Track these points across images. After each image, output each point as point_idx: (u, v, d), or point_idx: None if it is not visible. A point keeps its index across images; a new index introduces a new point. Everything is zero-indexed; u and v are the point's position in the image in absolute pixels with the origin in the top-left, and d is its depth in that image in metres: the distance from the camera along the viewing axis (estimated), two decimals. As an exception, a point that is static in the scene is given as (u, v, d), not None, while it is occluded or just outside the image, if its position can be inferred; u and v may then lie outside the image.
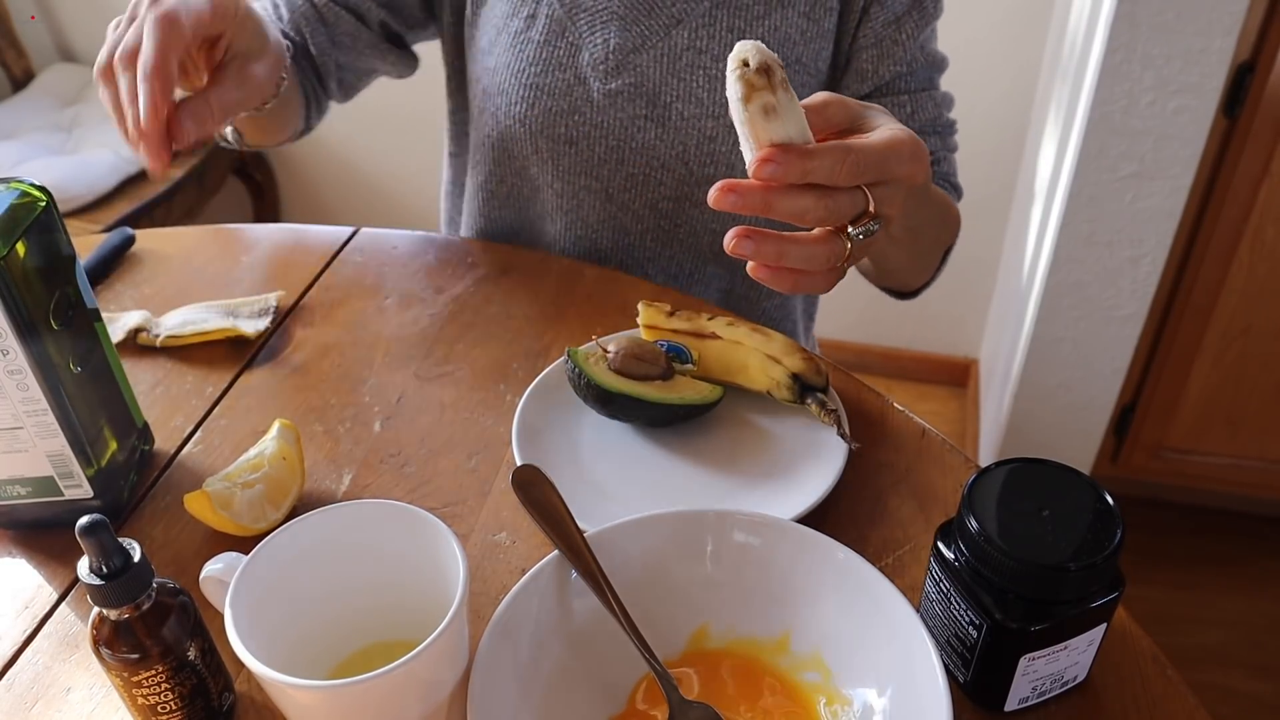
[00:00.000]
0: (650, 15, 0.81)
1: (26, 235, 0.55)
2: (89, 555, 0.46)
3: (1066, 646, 0.50)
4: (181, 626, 0.49)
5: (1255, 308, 1.48)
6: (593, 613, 0.52)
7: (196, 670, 0.50)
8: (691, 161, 0.85)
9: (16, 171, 1.77)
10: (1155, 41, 1.24)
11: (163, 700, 0.49)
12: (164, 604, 0.49)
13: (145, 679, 0.48)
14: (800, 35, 0.83)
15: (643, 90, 0.83)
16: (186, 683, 0.50)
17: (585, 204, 0.89)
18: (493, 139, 0.89)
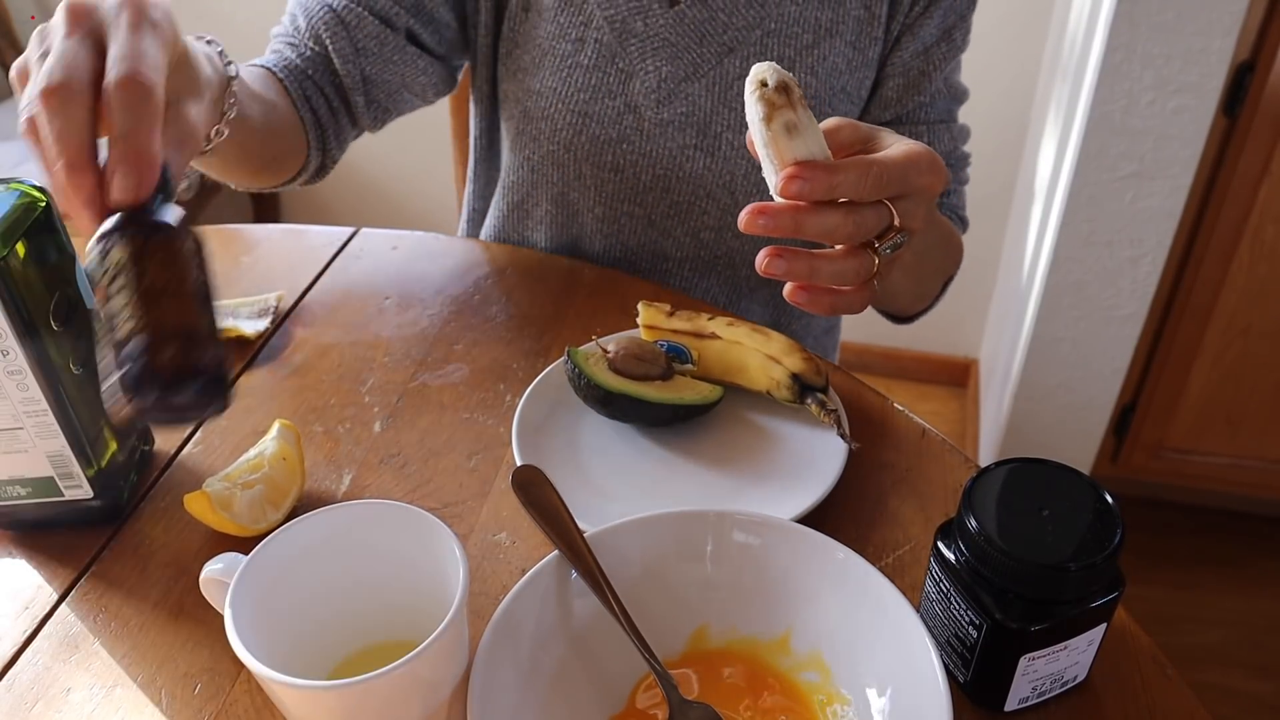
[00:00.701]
0: (702, 43, 0.81)
1: (27, 236, 0.55)
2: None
3: (1066, 646, 0.50)
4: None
5: (1255, 307, 1.48)
6: (593, 613, 0.52)
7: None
8: (738, 191, 0.85)
9: (16, 172, 1.76)
10: (1155, 41, 1.24)
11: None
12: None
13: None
14: (847, 65, 0.83)
15: (693, 119, 0.83)
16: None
17: (626, 229, 0.89)
18: (533, 161, 0.88)
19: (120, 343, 0.45)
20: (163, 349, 0.46)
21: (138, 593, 0.59)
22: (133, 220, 0.48)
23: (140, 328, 0.46)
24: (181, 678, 0.55)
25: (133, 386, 0.45)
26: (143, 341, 0.45)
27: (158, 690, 0.54)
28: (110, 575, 0.61)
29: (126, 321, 0.46)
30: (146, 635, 0.57)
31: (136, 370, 0.45)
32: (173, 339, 0.46)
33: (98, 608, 0.59)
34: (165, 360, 0.45)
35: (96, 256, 0.48)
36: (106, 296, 0.47)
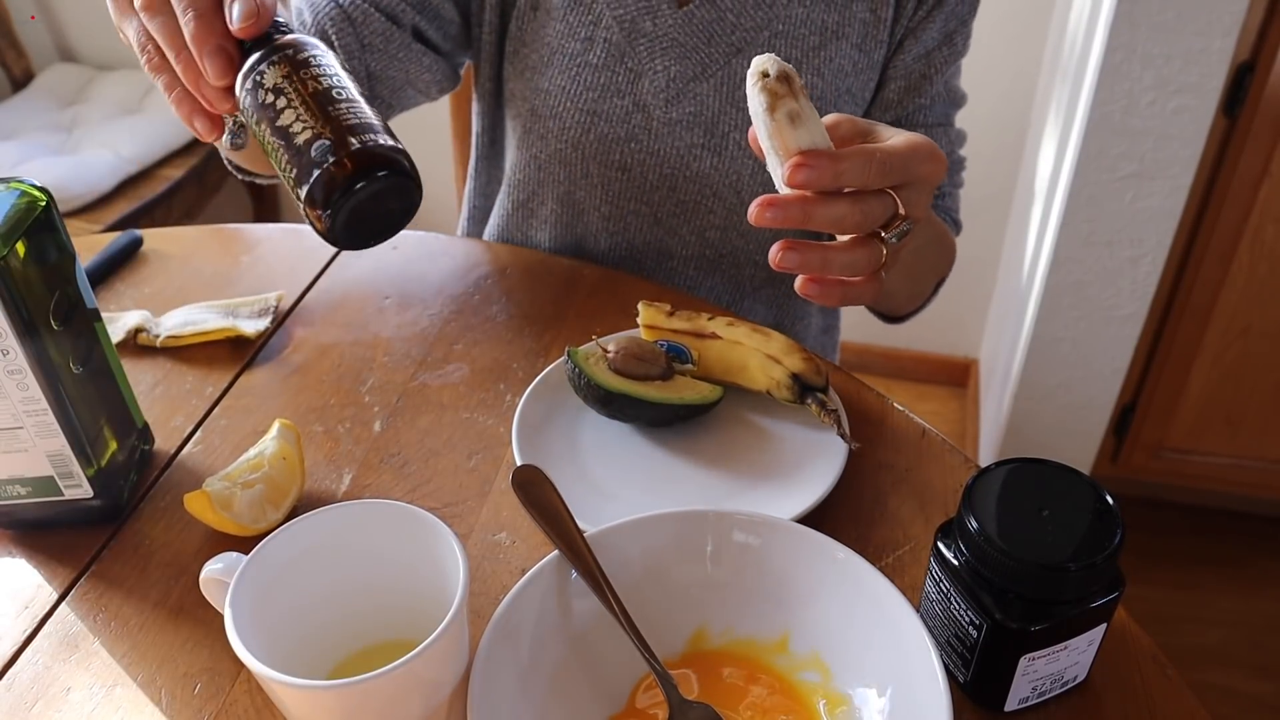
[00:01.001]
0: (710, 43, 0.81)
1: (27, 235, 0.55)
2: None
3: (1066, 646, 0.50)
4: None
5: (1255, 307, 1.48)
6: (593, 613, 0.52)
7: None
8: (744, 190, 0.85)
9: (16, 172, 1.77)
10: (1155, 41, 1.24)
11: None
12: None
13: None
14: (853, 67, 0.83)
15: (701, 119, 0.83)
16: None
17: (632, 228, 0.89)
18: (540, 160, 0.88)
19: (302, 151, 0.45)
20: (348, 143, 0.45)
21: (138, 592, 0.59)
22: (266, 44, 0.49)
23: (321, 130, 0.46)
24: (181, 677, 0.55)
25: (328, 188, 0.45)
26: (328, 142, 0.45)
27: (158, 690, 0.54)
28: (110, 575, 0.61)
29: (303, 131, 0.46)
30: (146, 635, 0.57)
31: (331, 169, 0.45)
32: (357, 132, 0.46)
33: (98, 607, 0.59)
34: (355, 155, 0.45)
35: (249, 92, 0.49)
36: (272, 119, 0.47)
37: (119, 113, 2.00)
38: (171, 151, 1.93)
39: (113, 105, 2.02)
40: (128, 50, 0.60)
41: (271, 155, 0.48)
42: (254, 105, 0.48)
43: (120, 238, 0.89)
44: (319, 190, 0.45)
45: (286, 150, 0.47)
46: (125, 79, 2.09)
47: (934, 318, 2.22)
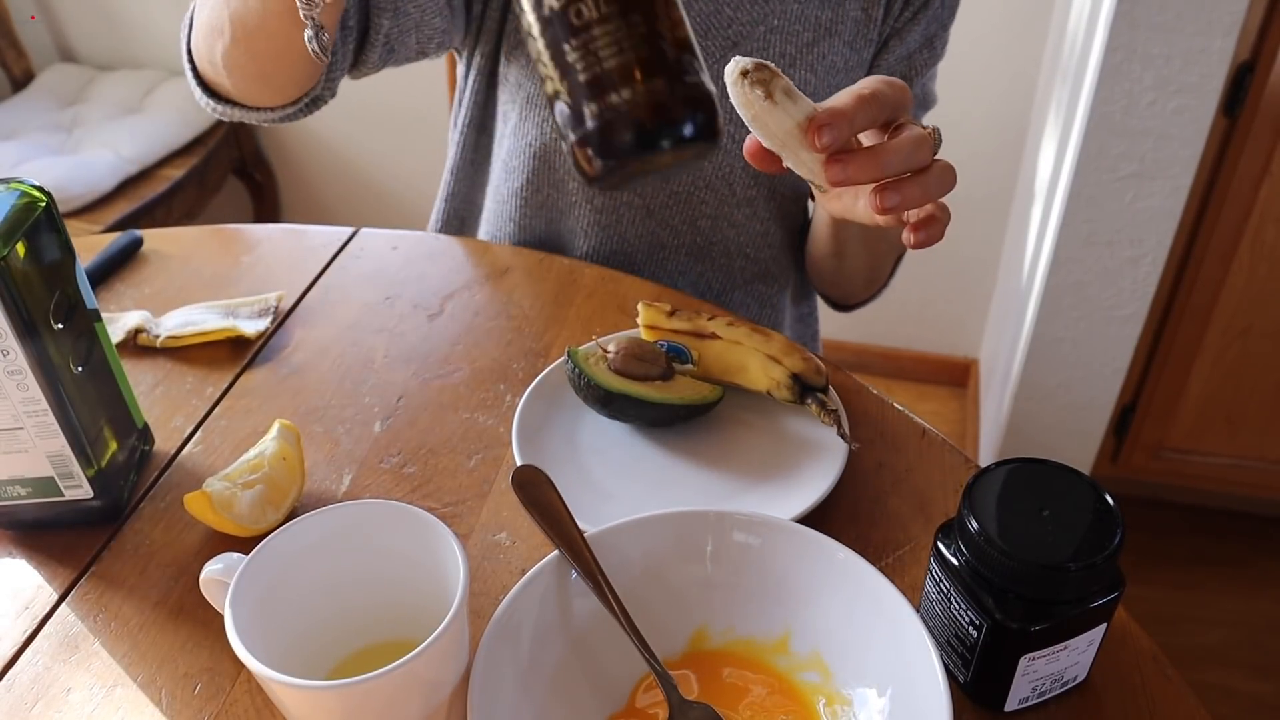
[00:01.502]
0: (707, 37, 0.81)
1: (27, 236, 0.55)
2: None
3: (1066, 646, 0.50)
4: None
5: (1255, 308, 1.48)
6: (593, 613, 0.52)
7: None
8: (736, 183, 0.86)
9: (16, 172, 1.77)
10: (1155, 41, 1.24)
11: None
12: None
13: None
14: (844, 64, 0.84)
15: None
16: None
17: (625, 219, 0.90)
18: (534, 148, 0.88)
19: (599, 79, 0.35)
20: (669, 88, 0.36)
21: (138, 593, 0.59)
22: None
23: (635, 54, 0.36)
24: (181, 678, 0.55)
25: (620, 142, 0.36)
26: (631, 60, 0.35)
27: (158, 690, 0.54)
28: (110, 575, 0.61)
29: (606, 48, 0.36)
30: (146, 635, 0.57)
31: (633, 116, 0.35)
32: (681, 71, 0.36)
33: (98, 608, 0.59)
34: (671, 102, 0.36)
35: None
36: (568, 22, 0.36)
37: (119, 113, 2.00)
38: (171, 152, 1.93)
39: (113, 105, 2.02)
40: (127, 50, 0.58)
41: (538, 43, 0.37)
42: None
43: (120, 238, 0.89)
44: (608, 136, 0.36)
45: (577, 62, 0.36)
46: (125, 79, 2.09)
47: (934, 318, 2.22)
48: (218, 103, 0.76)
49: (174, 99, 2.01)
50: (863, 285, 0.91)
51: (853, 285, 0.90)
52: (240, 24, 0.66)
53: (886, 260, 0.88)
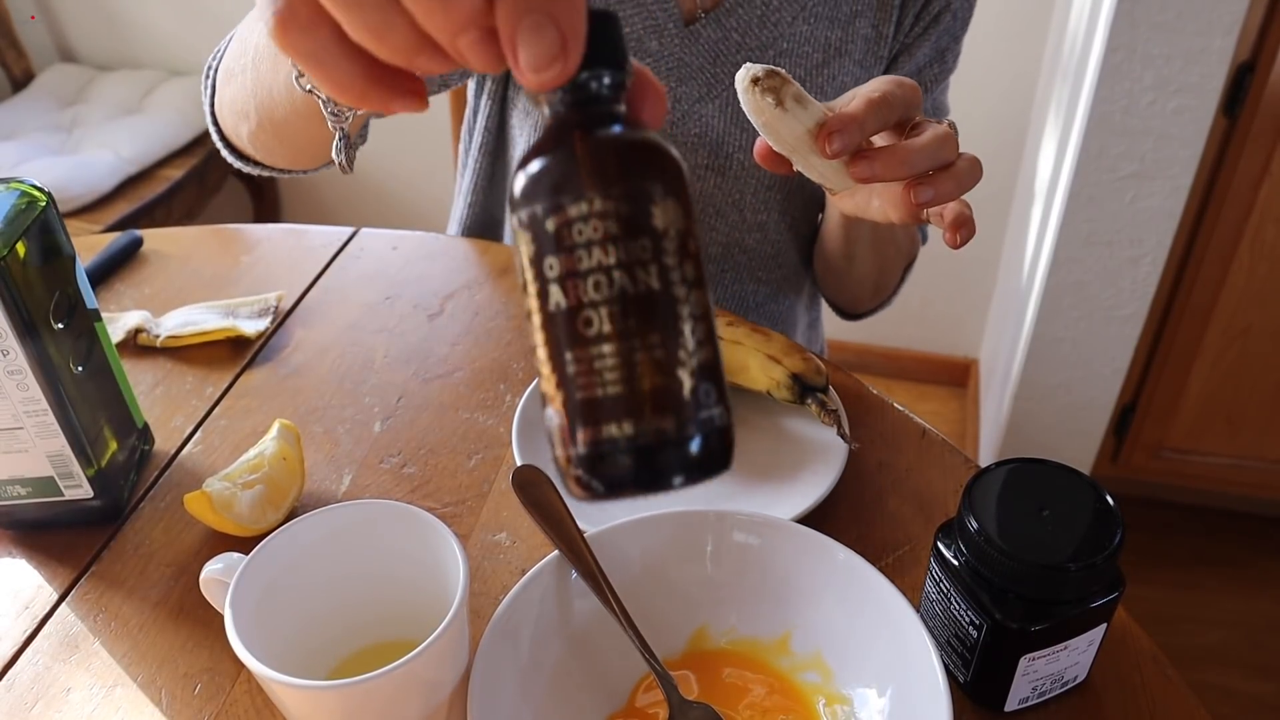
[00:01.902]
0: (715, 63, 0.81)
1: (27, 236, 0.55)
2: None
3: (1067, 646, 0.50)
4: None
5: (1255, 307, 1.48)
6: (593, 613, 0.52)
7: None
8: (746, 209, 0.86)
9: (16, 172, 1.77)
10: (1155, 41, 1.24)
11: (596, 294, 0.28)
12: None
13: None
14: (855, 84, 0.83)
15: (706, 140, 0.83)
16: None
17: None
18: None
19: (599, 404, 0.28)
20: (670, 401, 0.29)
21: (138, 593, 0.59)
22: (578, 114, 0.30)
23: (652, 381, 0.28)
24: (181, 678, 0.55)
25: (611, 477, 0.29)
26: (640, 392, 0.28)
27: (158, 690, 0.54)
28: (110, 575, 0.61)
29: (613, 370, 0.28)
30: (146, 635, 0.57)
31: (629, 460, 0.29)
32: (685, 379, 0.29)
33: (98, 608, 0.59)
34: (673, 423, 0.29)
35: (527, 211, 0.29)
36: (567, 309, 0.28)
37: (119, 113, 2.00)
38: (171, 152, 1.93)
39: (113, 105, 2.02)
40: (127, 50, 0.57)
41: (536, 335, 0.29)
42: (540, 240, 0.29)
43: (120, 238, 0.89)
44: (599, 470, 0.29)
45: (578, 376, 0.29)
46: (125, 79, 2.09)
47: (934, 318, 2.22)
48: (246, 163, 0.78)
49: (174, 99, 2.01)
50: (870, 292, 0.90)
51: (860, 291, 0.89)
52: (267, 115, 0.65)
53: (894, 267, 0.87)
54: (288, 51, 0.29)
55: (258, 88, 0.64)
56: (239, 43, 0.68)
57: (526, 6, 0.27)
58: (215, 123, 0.75)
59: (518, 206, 0.29)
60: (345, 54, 0.29)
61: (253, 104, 0.65)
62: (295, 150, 0.71)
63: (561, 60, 0.28)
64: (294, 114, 0.62)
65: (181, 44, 2.12)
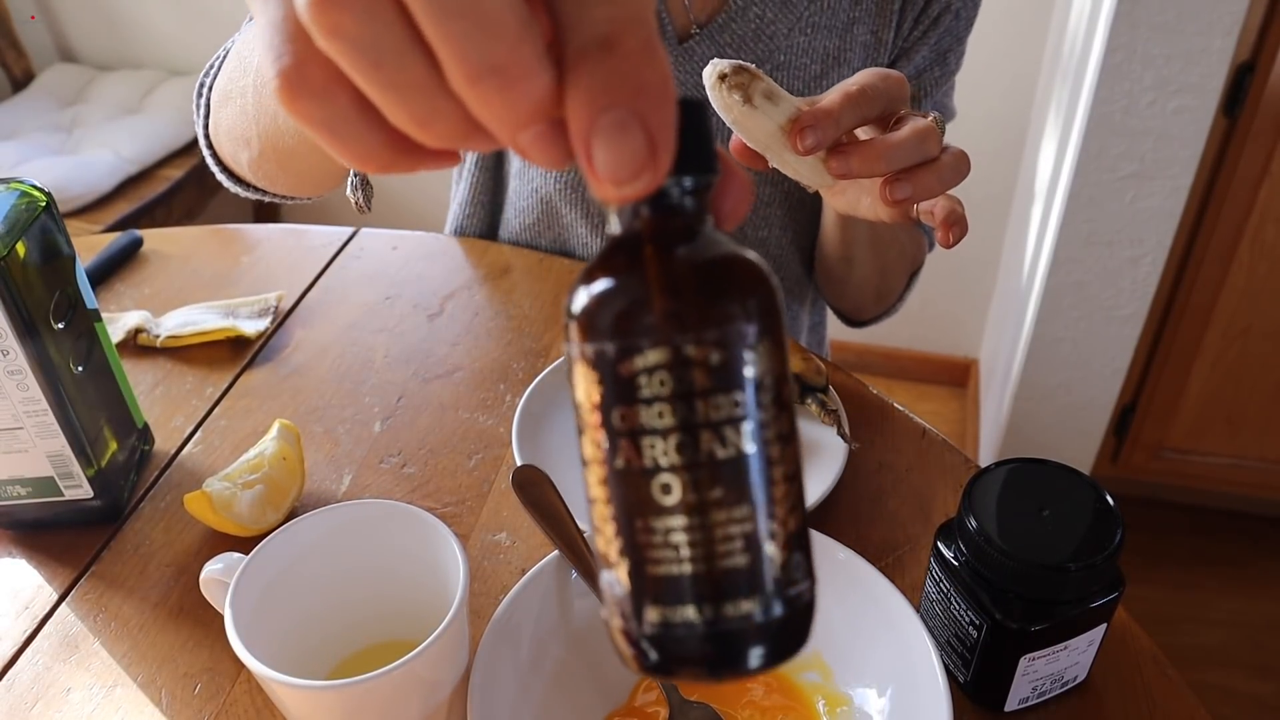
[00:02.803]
0: None
1: (27, 236, 0.55)
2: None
3: (1067, 646, 0.50)
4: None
5: (1255, 308, 1.48)
6: (593, 613, 0.52)
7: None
8: (746, 226, 0.85)
9: (16, 172, 1.77)
10: (1155, 41, 1.24)
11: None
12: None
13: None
14: None
15: None
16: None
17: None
18: (541, 193, 0.87)
19: (673, 584, 0.24)
20: (756, 584, 0.25)
21: (138, 593, 0.59)
22: (657, 228, 0.25)
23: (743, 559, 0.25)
24: (181, 678, 0.55)
25: (684, 657, 0.25)
26: (722, 575, 0.24)
27: (158, 690, 0.54)
28: (110, 575, 0.61)
29: (692, 546, 0.24)
30: (146, 635, 0.57)
31: (705, 644, 0.25)
32: (774, 556, 0.25)
33: (98, 608, 0.59)
34: (758, 608, 0.25)
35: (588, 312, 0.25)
36: (625, 434, 0.24)
37: (119, 113, 2.00)
38: (171, 152, 1.93)
39: (113, 105, 2.02)
40: (127, 50, 0.54)
41: (596, 489, 0.25)
42: (601, 389, 0.24)
43: (120, 238, 0.89)
44: (667, 655, 0.25)
45: (648, 549, 0.24)
46: (125, 79, 2.09)
47: (934, 318, 2.22)
48: (243, 188, 0.73)
49: (174, 99, 2.01)
50: (872, 298, 0.89)
51: (862, 297, 0.88)
52: (271, 144, 0.60)
53: (896, 271, 0.86)
54: (296, 118, 0.24)
55: (260, 113, 0.58)
56: (237, 61, 0.63)
57: (607, 99, 0.22)
58: (210, 146, 0.71)
59: (581, 336, 0.25)
60: (366, 123, 0.24)
61: (255, 130, 0.60)
62: (302, 180, 0.66)
63: (650, 170, 0.22)
64: (303, 143, 0.56)
65: (181, 44, 2.12)
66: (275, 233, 0.95)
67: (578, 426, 0.25)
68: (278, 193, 0.72)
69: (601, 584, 0.26)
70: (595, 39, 0.22)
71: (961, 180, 0.53)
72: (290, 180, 0.67)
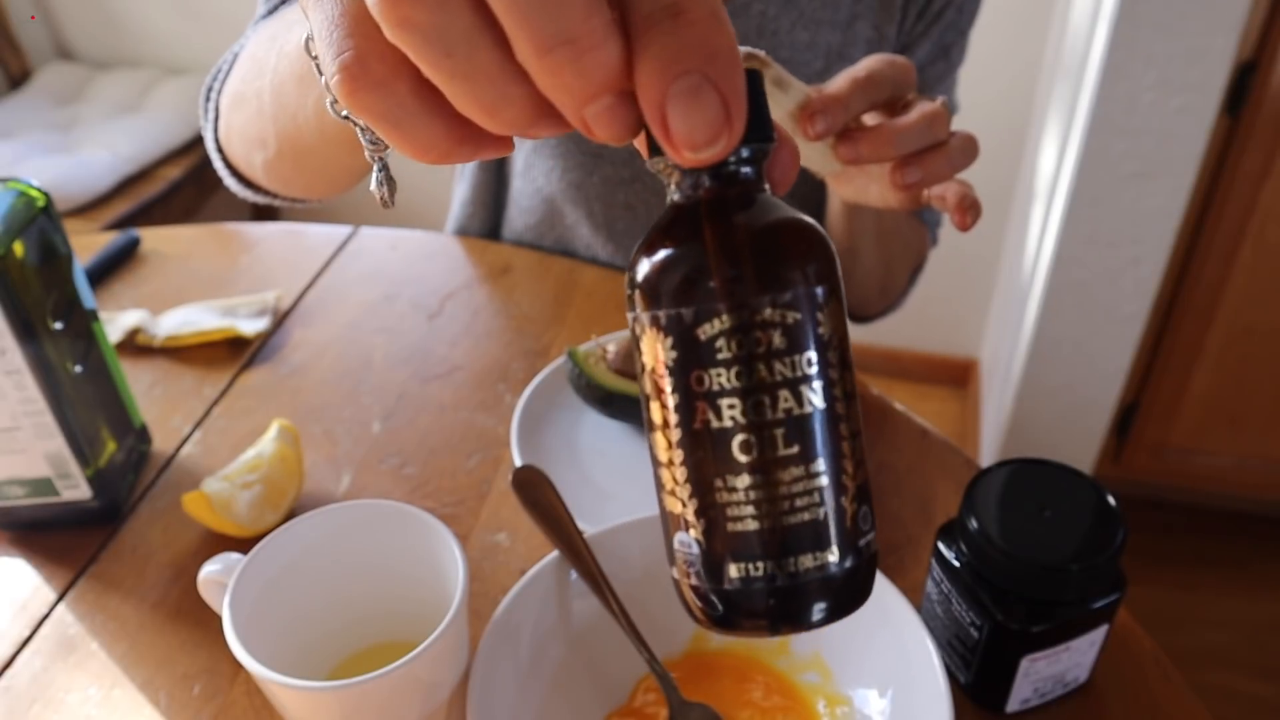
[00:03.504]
0: None
1: (24, 235, 0.55)
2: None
3: (1068, 647, 0.49)
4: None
5: (1257, 307, 1.48)
6: (593, 613, 0.52)
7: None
8: None
9: (14, 171, 1.77)
10: (1157, 40, 1.24)
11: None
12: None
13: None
14: None
15: None
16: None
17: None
18: (544, 193, 0.87)
19: (751, 539, 0.25)
20: (833, 536, 0.26)
21: (136, 593, 0.59)
22: (726, 193, 0.26)
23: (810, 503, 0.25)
24: (180, 679, 0.55)
25: (755, 609, 0.27)
26: (801, 527, 0.26)
27: (156, 691, 0.54)
28: (108, 576, 0.60)
29: (773, 501, 0.25)
30: (144, 636, 0.57)
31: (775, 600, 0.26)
32: (847, 508, 0.26)
33: (95, 608, 0.59)
34: (834, 560, 0.26)
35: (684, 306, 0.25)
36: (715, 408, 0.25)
37: (117, 112, 2.00)
38: (170, 151, 1.93)
39: (111, 105, 2.02)
40: (125, 49, 0.54)
41: (670, 452, 0.26)
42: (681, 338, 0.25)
43: (118, 238, 0.89)
44: (739, 609, 0.27)
45: (728, 506, 0.25)
46: (123, 78, 2.09)
47: (934, 318, 2.22)
48: (253, 191, 0.73)
49: (172, 98, 2.01)
50: (876, 292, 0.89)
51: (866, 290, 0.88)
52: (289, 144, 0.59)
53: (900, 265, 0.86)
54: (357, 111, 0.25)
55: (279, 113, 0.58)
56: (252, 63, 0.63)
57: (680, 66, 0.22)
58: (219, 149, 0.71)
59: (652, 303, 0.25)
60: (428, 113, 0.24)
61: (272, 130, 0.60)
62: (318, 180, 0.65)
63: (726, 133, 0.23)
64: (323, 143, 0.56)
65: (180, 42, 2.12)
66: (274, 232, 0.94)
67: (646, 393, 0.26)
68: (290, 195, 0.71)
69: (675, 544, 0.27)
70: (663, 6, 0.22)
71: (971, 163, 0.53)
72: (305, 180, 0.67)
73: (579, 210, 0.86)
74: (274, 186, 0.70)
